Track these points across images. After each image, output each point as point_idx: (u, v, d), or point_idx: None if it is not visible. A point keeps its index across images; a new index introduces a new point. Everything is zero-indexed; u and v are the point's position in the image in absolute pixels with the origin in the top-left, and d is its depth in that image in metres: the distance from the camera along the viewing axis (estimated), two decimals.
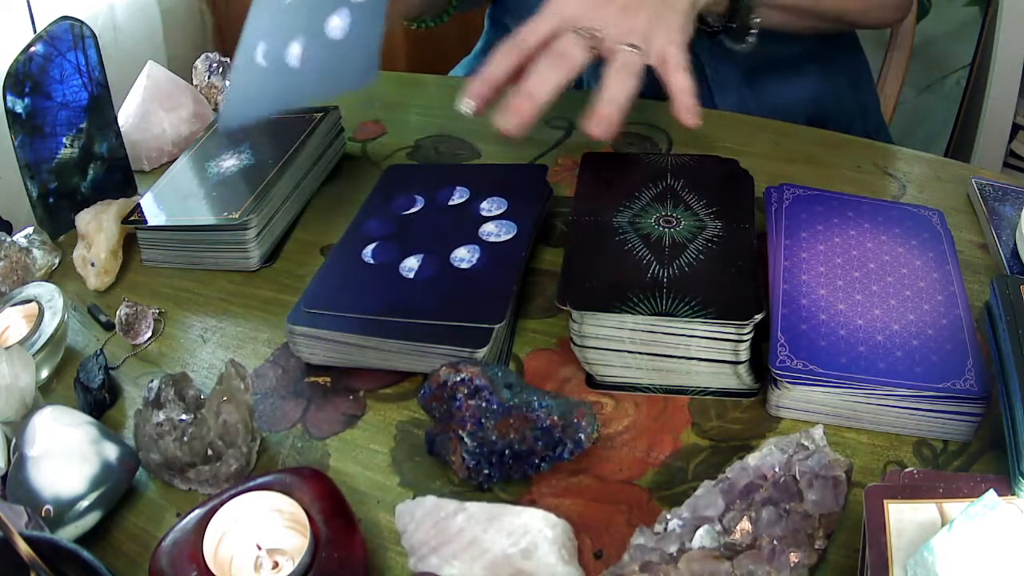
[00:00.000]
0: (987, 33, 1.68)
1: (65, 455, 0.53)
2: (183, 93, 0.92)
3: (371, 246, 0.68)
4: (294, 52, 0.68)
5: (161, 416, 0.56)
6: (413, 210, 0.73)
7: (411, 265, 0.66)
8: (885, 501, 0.45)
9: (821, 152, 0.83)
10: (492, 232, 0.68)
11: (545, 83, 0.61)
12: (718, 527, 0.46)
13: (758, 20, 0.72)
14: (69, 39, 0.76)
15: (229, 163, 0.81)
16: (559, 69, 0.61)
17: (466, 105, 0.63)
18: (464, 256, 0.66)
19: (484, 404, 0.53)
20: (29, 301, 0.69)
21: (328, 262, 0.68)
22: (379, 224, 0.71)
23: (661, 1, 0.64)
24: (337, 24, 0.66)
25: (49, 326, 0.66)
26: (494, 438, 0.53)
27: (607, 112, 0.61)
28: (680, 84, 0.62)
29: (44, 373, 0.66)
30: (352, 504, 0.51)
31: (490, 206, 0.72)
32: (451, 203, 0.73)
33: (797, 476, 0.48)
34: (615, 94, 0.61)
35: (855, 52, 1.03)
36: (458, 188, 0.74)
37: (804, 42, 0.92)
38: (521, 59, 0.63)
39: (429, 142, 0.90)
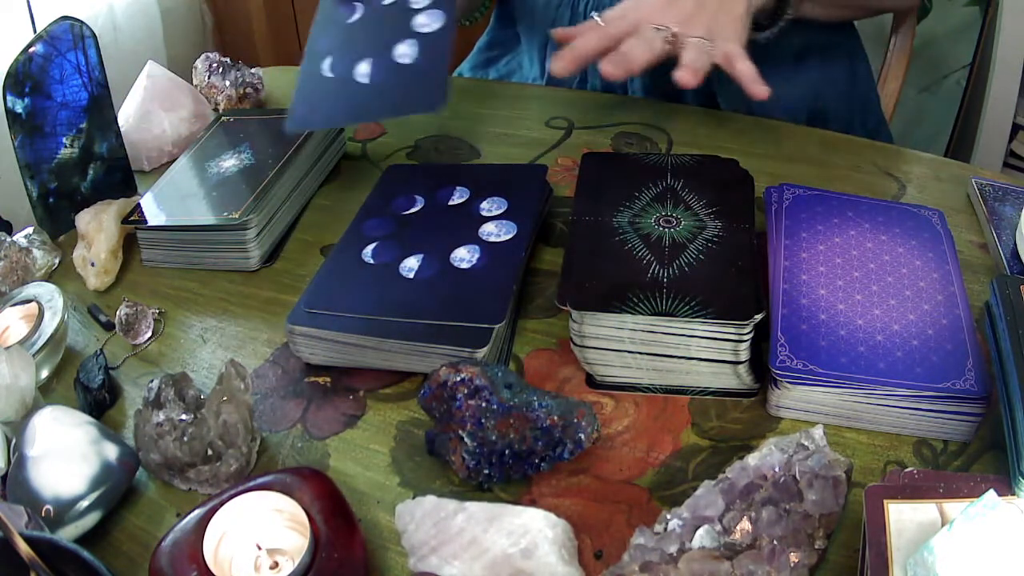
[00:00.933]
0: (987, 33, 1.68)
1: (65, 455, 0.53)
2: (183, 93, 0.92)
3: (371, 246, 0.68)
4: (362, 70, 0.72)
5: (161, 416, 0.56)
6: (413, 210, 0.73)
7: (411, 265, 0.66)
8: (885, 501, 0.45)
9: (821, 152, 0.83)
10: (492, 232, 0.68)
11: (639, 55, 0.69)
12: (718, 527, 0.46)
13: (790, 14, 0.81)
14: (69, 39, 0.76)
15: (229, 163, 0.81)
16: (647, 51, 0.69)
17: (558, 68, 0.71)
18: (464, 256, 0.66)
19: (484, 404, 0.53)
20: (29, 301, 0.69)
21: (328, 262, 0.68)
22: (379, 224, 0.71)
23: (719, 7, 0.73)
24: (404, 51, 0.71)
25: (49, 326, 0.66)
26: (494, 438, 0.53)
27: (683, 69, 0.69)
28: (744, 69, 0.70)
29: (44, 373, 0.66)
30: (352, 504, 0.51)
31: (490, 206, 0.72)
32: (451, 203, 0.73)
33: (797, 476, 0.48)
34: (688, 59, 0.69)
35: (855, 47, 1.04)
36: (458, 188, 0.74)
37: (804, 36, 0.92)
38: (606, 43, 0.71)
39: (429, 142, 0.90)
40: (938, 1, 1.77)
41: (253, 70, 0.99)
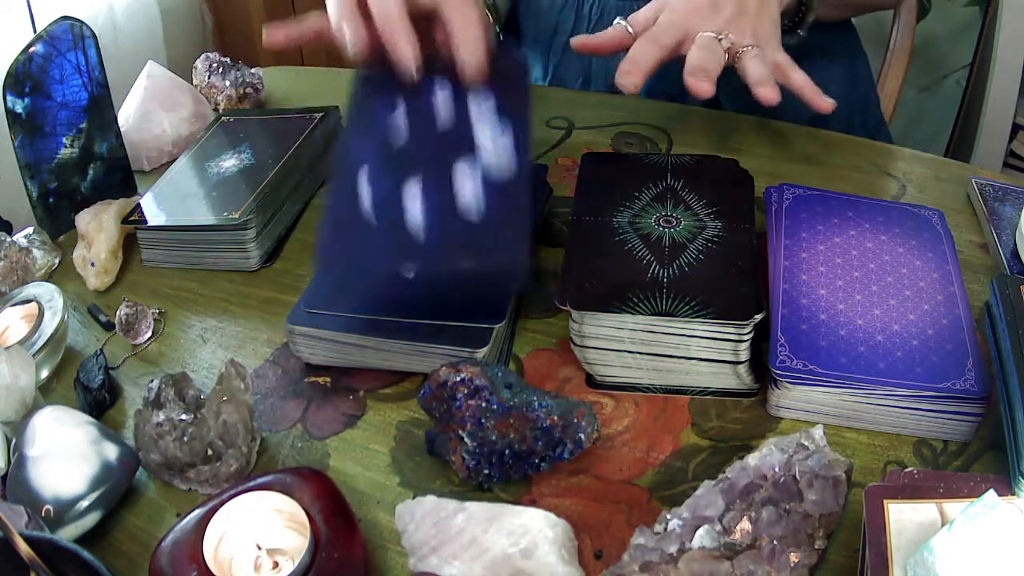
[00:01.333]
0: (987, 33, 1.68)
1: (65, 455, 0.53)
2: (183, 93, 0.92)
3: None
4: (413, 209, 0.58)
5: (161, 416, 0.56)
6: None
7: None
8: (885, 501, 0.45)
9: (821, 152, 0.83)
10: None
11: (714, 67, 0.67)
12: (718, 527, 0.46)
13: (813, 18, 0.80)
14: (69, 39, 0.76)
15: (229, 163, 0.81)
16: (718, 61, 0.67)
17: (631, 85, 0.67)
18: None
19: (484, 404, 0.53)
20: (29, 301, 0.69)
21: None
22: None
23: (759, 11, 0.71)
24: (469, 194, 0.57)
25: (49, 326, 0.66)
26: (494, 438, 0.53)
27: (765, 85, 0.67)
28: (802, 80, 0.69)
29: (44, 373, 0.66)
30: (352, 504, 0.51)
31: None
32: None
33: (797, 476, 0.48)
34: (761, 74, 0.68)
35: (854, 47, 1.04)
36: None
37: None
38: (664, 53, 0.69)
39: None
40: (938, 1, 1.77)
41: (253, 70, 0.99)
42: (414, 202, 0.58)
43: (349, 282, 0.62)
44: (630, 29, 0.73)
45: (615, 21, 0.75)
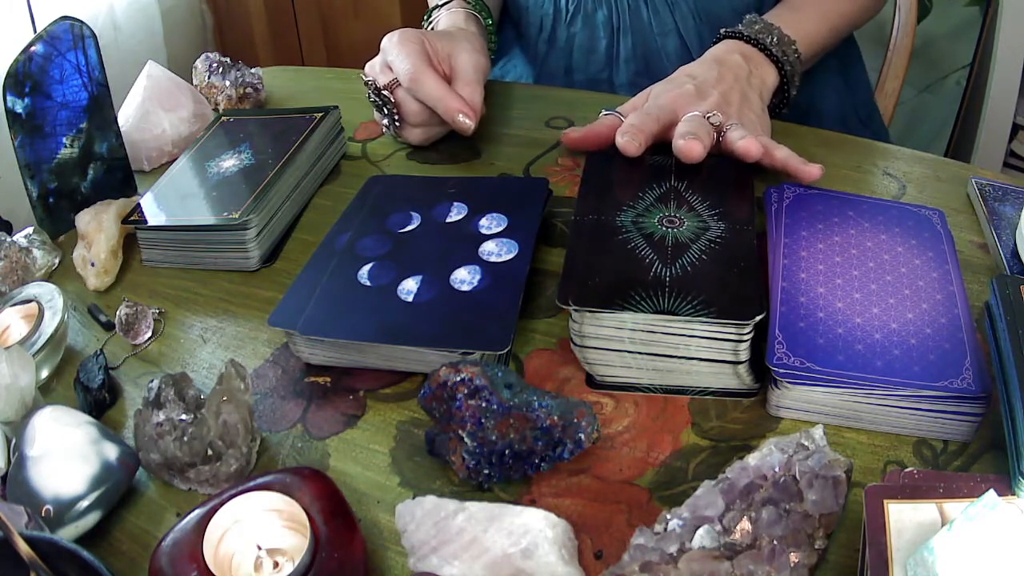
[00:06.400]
0: (987, 33, 1.68)
1: (65, 455, 0.53)
2: (183, 93, 0.92)
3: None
4: (408, 287, 0.64)
5: (161, 416, 0.56)
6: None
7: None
8: (885, 501, 0.45)
9: (821, 152, 0.83)
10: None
11: (705, 136, 0.70)
12: (718, 527, 0.46)
13: (795, 92, 0.85)
14: (69, 39, 0.76)
15: (229, 163, 0.81)
16: (703, 129, 0.71)
17: (633, 146, 0.71)
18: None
19: (484, 404, 0.53)
20: (29, 301, 0.69)
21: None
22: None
23: (742, 103, 0.77)
24: (464, 277, 0.64)
25: (49, 326, 0.66)
26: (494, 438, 0.53)
27: (745, 139, 0.71)
28: (785, 154, 0.72)
29: (44, 373, 0.66)
30: (352, 504, 0.51)
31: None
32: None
33: (797, 476, 0.48)
34: (742, 134, 0.71)
35: (851, 53, 1.04)
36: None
37: None
38: (658, 127, 0.73)
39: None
40: (938, 1, 1.77)
41: (253, 70, 1.00)
42: (411, 287, 0.64)
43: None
44: (622, 116, 0.77)
45: (601, 112, 0.79)
